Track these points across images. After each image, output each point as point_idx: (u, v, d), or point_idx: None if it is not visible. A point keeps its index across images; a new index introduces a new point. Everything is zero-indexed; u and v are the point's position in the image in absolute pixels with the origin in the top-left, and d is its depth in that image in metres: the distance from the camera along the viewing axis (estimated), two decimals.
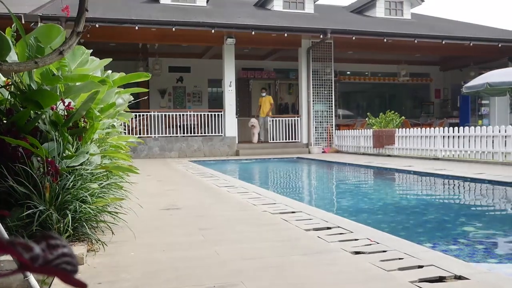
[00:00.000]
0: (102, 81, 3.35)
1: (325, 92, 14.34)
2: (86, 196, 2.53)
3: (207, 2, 15.09)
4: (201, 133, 13.82)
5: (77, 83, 3.28)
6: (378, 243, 2.74)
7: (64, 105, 3.24)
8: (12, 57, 2.91)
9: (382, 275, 2.16)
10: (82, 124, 3.48)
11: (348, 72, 18.55)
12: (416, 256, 2.44)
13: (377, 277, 2.14)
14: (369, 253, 2.53)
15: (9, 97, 3.02)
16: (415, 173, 8.03)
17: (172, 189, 5.73)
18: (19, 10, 10.20)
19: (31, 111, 2.97)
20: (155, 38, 13.15)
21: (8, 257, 2.04)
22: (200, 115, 14.19)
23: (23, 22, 9.25)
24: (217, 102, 16.19)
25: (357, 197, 6.14)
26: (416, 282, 2.04)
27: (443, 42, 14.07)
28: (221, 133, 13.68)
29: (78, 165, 2.84)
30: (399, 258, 2.41)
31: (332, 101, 14.45)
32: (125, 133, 10.41)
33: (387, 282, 2.07)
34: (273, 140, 14.37)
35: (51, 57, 2.48)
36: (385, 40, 13.67)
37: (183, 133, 13.67)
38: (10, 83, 3.06)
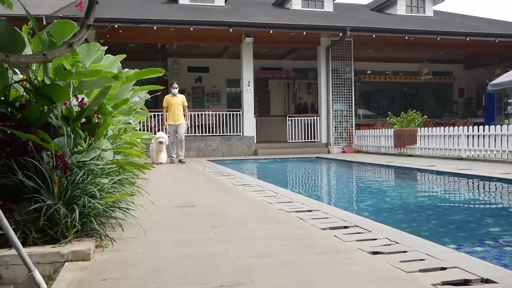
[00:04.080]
0: (115, 77, 3.31)
1: (345, 91, 14.11)
2: (95, 191, 2.48)
3: (225, 1, 15.07)
4: (220, 132, 13.80)
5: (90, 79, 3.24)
6: (398, 243, 2.60)
7: (77, 100, 3.21)
8: (28, 53, 2.89)
9: (401, 277, 2.02)
10: (96, 120, 3.45)
11: (369, 71, 18.24)
12: (438, 257, 2.29)
13: (396, 278, 2.01)
14: (388, 253, 2.40)
15: (24, 93, 3.00)
16: (438, 172, 7.77)
17: (188, 187, 5.68)
18: (40, 12, 10.39)
19: (45, 107, 2.95)
20: (173, 38, 13.19)
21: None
22: (219, 114, 14.17)
23: (44, 23, 9.40)
24: (235, 102, 16.14)
25: (377, 197, 5.96)
26: (439, 285, 1.90)
27: (467, 39, 13.64)
28: (240, 132, 13.62)
29: (89, 160, 2.79)
30: (421, 259, 2.27)
31: (352, 100, 14.21)
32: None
33: (407, 284, 1.94)
34: (292, 140, 14.23)
35: (60, 50, 2.43)
36: (406, 37, 13.35)
37: (202, 132, 13.66)
38: (25, 79, 3.04)
